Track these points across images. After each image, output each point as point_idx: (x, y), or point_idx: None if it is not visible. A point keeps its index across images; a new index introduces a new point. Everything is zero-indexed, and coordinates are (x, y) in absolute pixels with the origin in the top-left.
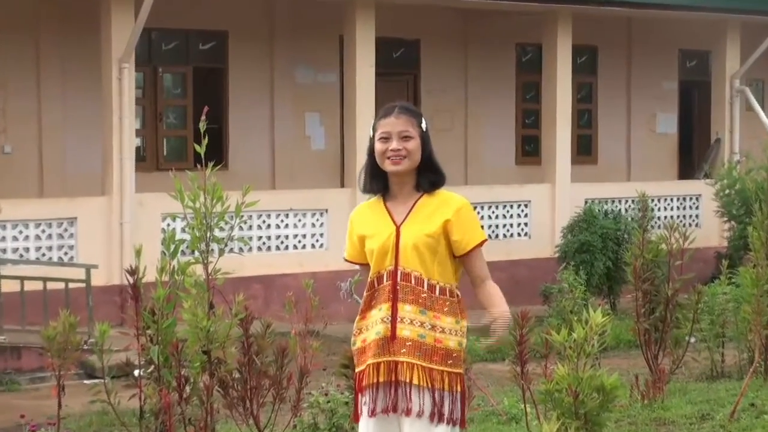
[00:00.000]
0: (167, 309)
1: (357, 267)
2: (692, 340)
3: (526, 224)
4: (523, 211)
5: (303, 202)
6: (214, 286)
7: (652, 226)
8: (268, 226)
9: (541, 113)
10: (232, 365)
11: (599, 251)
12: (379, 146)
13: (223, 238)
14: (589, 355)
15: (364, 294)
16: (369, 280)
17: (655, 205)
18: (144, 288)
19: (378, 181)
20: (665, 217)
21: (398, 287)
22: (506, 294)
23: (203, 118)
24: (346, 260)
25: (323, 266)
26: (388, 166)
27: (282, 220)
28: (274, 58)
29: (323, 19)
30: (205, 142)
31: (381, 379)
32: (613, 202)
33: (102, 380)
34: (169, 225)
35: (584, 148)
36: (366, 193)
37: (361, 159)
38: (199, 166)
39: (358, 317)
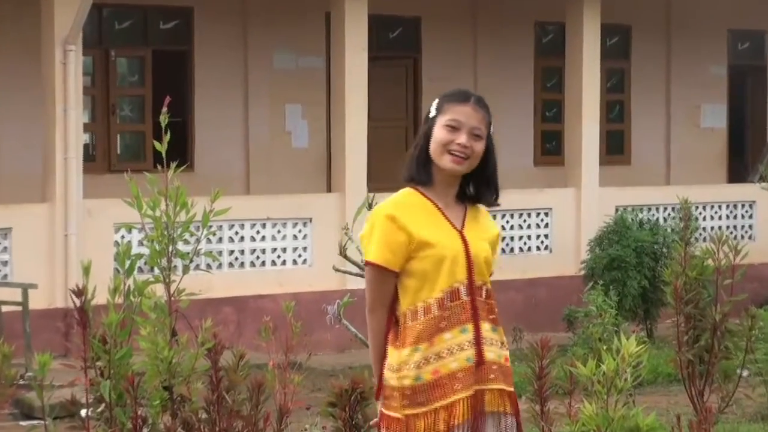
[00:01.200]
0: (121, 337)
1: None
2: (745, 373)
3: (546, 236)
4: (542, 220)
5: (283, 209)
6: (178, 309)
7: (696, 239)
8: (242, 238)
9: (564, 105)
10: (198, 403)
11: (633, 268)
12: (443, 134)
13: (188, 253)
14: (622, 391)
15: (427, 314)
16: (435, 297)
17: (700, 213)
18: (93, 312)
19: (428, 173)
20: (712, 228)
21: (476, 303)
22: (523, 318)
23: (164, 110)
24: (372, 264)
25: (307, 286)
26: (446, 162)
27: (258, 231)
28: (248, 40)
29: None
30: (166, 138)
31: (469, 415)
32: (650, 209)
33: (42, 421)
34: (123, 237)
35: (615, 146)
36: (409, 183)
37: (352, 159)
38: (159, 167)
39: (417, 345)
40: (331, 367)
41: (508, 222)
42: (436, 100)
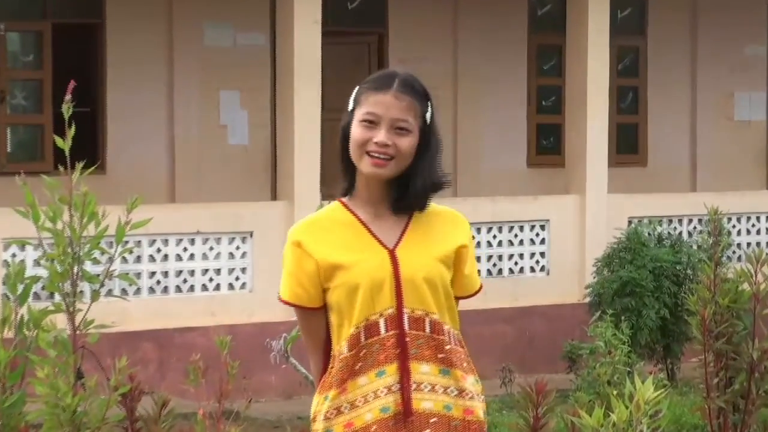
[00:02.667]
0: (12, 380)
1: (297, 313)
2: None
3: (542, 254)
4: (538, 235)
5: (216, 221)
6: (84, 345)
7: (729, 257)
8: (165, 257)
9: (564, 92)
10: None
11: (650, 294)
12: (358, 132)
13: (98, 275)
14: None
15: (341, 355)
16: (348, 333)
17: (734, 226)
18: None
19: (347, 180)
20: (748, 245)
21: (407, 338)
22: (514, 356)
23: (68, 97)
24: (285, 302)
25: (246, 317)
26: (365, 165)
27: (185, 249)
28: (174, 11)
29: None
30: (71, 133)
31: None
32: (671, 222)
33: None
34: (15, 255)
35: (628, 143)
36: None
37: (303, 159)
38: (61, 169)
39: (327, 392)
40: (275, 417)
41: (495, 237)
42: (355, 89)
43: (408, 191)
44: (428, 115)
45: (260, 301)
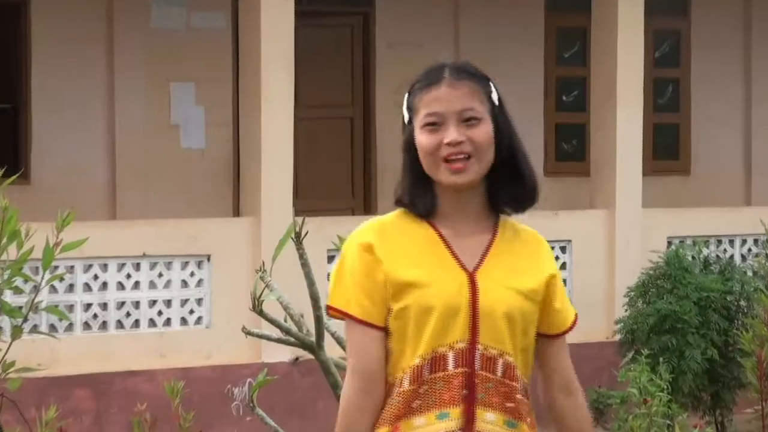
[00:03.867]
0: None
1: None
2: None
3: (563, 281)
4: (557, 258)
5: (166, 242)
6: (3, 393)
7: None
8: (104, 285)
9: (589, 85)
10: None
11: (695, 331)
12: (425, 139)
13: (21, 308)
14: None
15: (398, 389)
16: (411, 364)
17: None
18: None
19: (425, 196)
20: None
21: (476, 380)
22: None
23: None
24: (346, 315)
25: (202, 357)
26: (444, 174)
27: (128, 276)
28: None
29: None
30: None
31: None
32: (720, 242)
33: None
34: None
35: (667, 148)
36: (413, 210)
37: (272, 167)
38: None
39: (378, 430)
40: None
41: None
42: (405, 97)
43: (510, 190)
44: (495, 96)
45: (220, 340)
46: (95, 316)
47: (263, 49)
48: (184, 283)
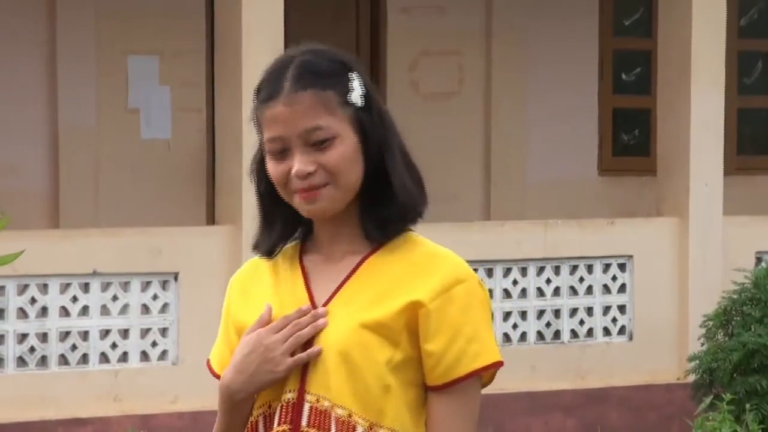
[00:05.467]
0: None
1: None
2: None
3: (621, 309)
4: (615, 278)
5: (123, 257)
6: None
7: None
8: (43, 310)
9: (654, 62)
10: None
11: None
12: (272, 169)
13: None
14: None
15: None
16: (250, 420)
17: None
18: None
19: (280, 224)
20: None
21: None
22: None
23: None
24: (212, 372)
25: (167, 402)
26: (299, 206)
27: (74, 298)
28: None
29: None
30: None
31: None
32: None
33: None
34: None
35: (755, 140)
36: (259, 256)
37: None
38: None
39: None
40: None
41: (549, 281)
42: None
43: (377, 211)
44: (355, 96)
45: (189, 379)
46: (32, 349)
47: (245, 15)
48: (145, 309)
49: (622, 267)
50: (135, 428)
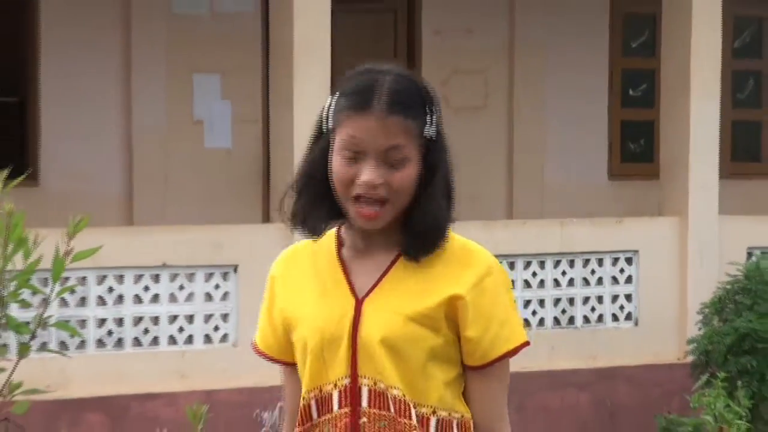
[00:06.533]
0: None
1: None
2: None
3: (628, 297)
4: (622, 271)
5: (189, 251)
6: (8, 417)
7: None
8: (120, 298)
9: (658, 77)
10: None
11: None
12: (340, 167)
13: (28, 323)
14: None
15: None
16: (301, 404)
17: None
18: None
19: (322, 210)
20: None
21: (365, 419)
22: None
23: None
24: (258, 352)
25: (227, 378)
26: (353, 213)
27: (146, 288)
28: None
29: None
30: None
31: None
32: None
33: None
34: None
35: (748, 148)
36: (302, 232)
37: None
38: None
39: None
40: None
41: (564, 273)
42: (333, 98)
43: (409, 231)
44: (431, 131)
45: (247, 359)
46: (110, 332)
47: (296, 36)
48: (208, 297)
49: (628, 261)
50: (199, 402)
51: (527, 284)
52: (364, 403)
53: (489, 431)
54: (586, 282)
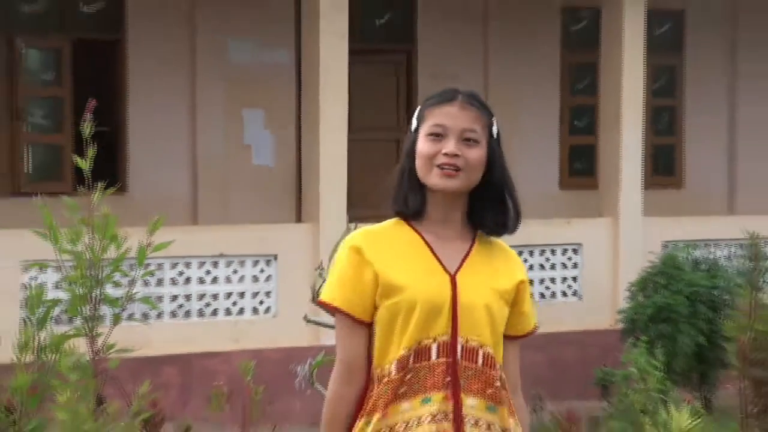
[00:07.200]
0: (32, 405)
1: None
2: None
3: (574, 279)
4: (570, 259)
5: (240, 244)
6: (105, 370)
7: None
8: (187, 279)
9: (598, 112)
10: None
11: (685, 320)
12: (426, 146)
13: (119, 299)
14: None
15: (385, 377)
16: (398, 355)
17: None
18: None
19: (415, 198)
20: None
21: (458, 369)
22: (545, 383)
23: (88, 116)
24: (332, 307)
25: (269, 341)
26: (434, 178)
27: (208, 272)
28: (197, 26)
29: None
30: (91, 152)
31: None
32: (708, 246)
33: None
34: (34, 278)
35: (664, 165)
36: (400, 213)
37: (329, 180)
38: (81, 189)
39: (371, 416)
40: None
41: (526, 261)
42: (417, 109)
43: (484, 210)
44: (494, 129)
45: (285, 326)
46: (180, 306)
47: (321, 80)
48: (255, 278)
49: (575, 251)
50: (248, 359)
51: None
52: (459, 355)
53: (515, 387)
54: (543, 267)
